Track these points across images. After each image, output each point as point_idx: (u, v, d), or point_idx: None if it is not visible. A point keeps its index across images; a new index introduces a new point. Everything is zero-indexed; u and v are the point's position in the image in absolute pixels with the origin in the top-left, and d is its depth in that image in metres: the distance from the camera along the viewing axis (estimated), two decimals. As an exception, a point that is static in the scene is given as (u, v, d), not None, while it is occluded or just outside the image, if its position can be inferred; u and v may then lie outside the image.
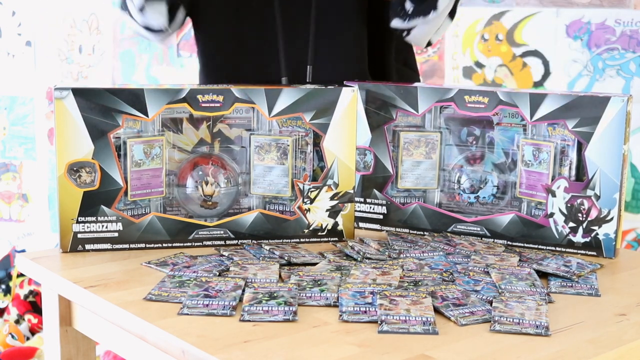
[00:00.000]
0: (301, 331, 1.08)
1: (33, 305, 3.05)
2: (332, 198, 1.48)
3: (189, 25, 1.77)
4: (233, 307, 1.14)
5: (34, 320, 2.99)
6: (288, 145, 1.49)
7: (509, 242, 1.50)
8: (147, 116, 1.41)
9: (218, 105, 1.44)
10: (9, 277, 3.16)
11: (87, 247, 1.41)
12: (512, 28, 2.49)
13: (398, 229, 1.58)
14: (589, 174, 1.43)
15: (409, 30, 1.63)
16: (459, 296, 1.19)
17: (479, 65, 2.54)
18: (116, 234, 1.42)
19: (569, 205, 1.45)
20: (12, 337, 2.91)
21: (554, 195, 1.46)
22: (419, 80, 1.85)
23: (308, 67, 1.64)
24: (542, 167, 1.48)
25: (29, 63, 3.17)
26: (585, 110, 1.42)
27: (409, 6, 1.60)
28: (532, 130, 1.50)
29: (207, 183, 1.48)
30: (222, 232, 1.46)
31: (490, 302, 1.18)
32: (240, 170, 1.51)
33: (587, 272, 1.34)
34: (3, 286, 3.14)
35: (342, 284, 1.23)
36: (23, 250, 3.20)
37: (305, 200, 1.48)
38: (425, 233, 1.56)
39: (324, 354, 1.01)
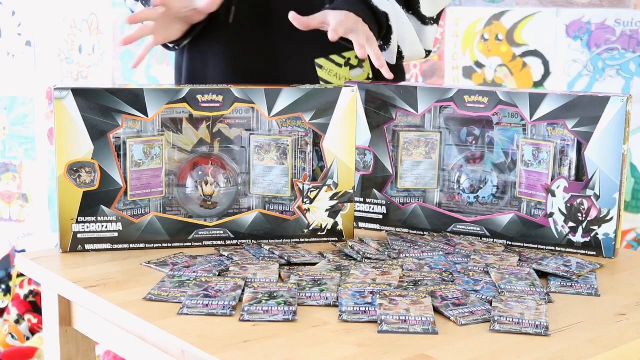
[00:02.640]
0: (301, 331, 1.08)
1: (33, 305, 3.05)
2: (332, 198, 1.48)
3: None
4: (233, 307, 1.14)
5: (34, 320, 2.99)
6: (288, 145, 1.49)
7: (508, 242, 1.50)
8: (147, 116, 1.41)
9: (218, 105, 1.44)
10: (9, 277, 3.16)
11: (87, 247, 1.41)
12: (512, 28, 2.49)
13: (398, 229, 1.58)
14: (588, 174, 1.43)
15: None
16: (458, 296, 1.19)
17: (479, 65, 2.54)
18: (116, 234, 1.42)
19: (568, 205, 1.45)
20: (12, 337, 2.91)
21: (553, 195, 1.46)
22: (403, 77, 1.84)
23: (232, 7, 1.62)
24: (541, 167, 1.48)
25: (29, 63, 3.18)
26: (585, 110, 1.42)
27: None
28: (532, 130, 1.50)
29: (206, 183, 1.48)
30: (222, 232, 1.46)
31: (490, 302, 1.18)
32: (240, 170, 1.51)
33: (586, 272, 1.34)
34: (3, 286, 3.15)
35: (341, 284, 1.23)
36: (23, 250, 3.21)
37: (305, 200, 1.48)
38: (425, 233, 1.56)
39: (324, 354, 1.01)
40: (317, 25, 1.51)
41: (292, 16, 1.49)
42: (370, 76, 1.70)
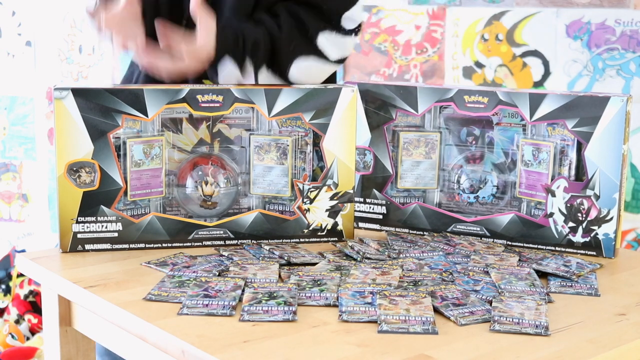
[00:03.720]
0: (301, 331, 1.08)
1: (33, 305, 3.05)
2: (331, 198, 1.48)
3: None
4: (233, 307, 1.14)
5: (34, 320, 2.99)
6: (288, 145, 1.49)
7: (508, 242, 1.50)
8: (147, 116, 1.41)
9: (218, 105, 1.44)
10: (9, 277, 3.16)
11: (87, 247, 1.41)
12: (512, 28, 2.49)
13: (398, 229, 1.58)
14: (588, 174, 1.43)
15: None
16: (458, 296, 1.19)
17: (479, 65, 2.54)
18: (116, 234, 1.42)
19: (568, 205, 1.45)
20: (12, 337, 2.91)
21: (553, 195, 1.46)
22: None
23: None
24: (541, 167, 1.48)
25: (29, 63, 3.17)
26: (585, 110, 1.42)
27: None
28: (532, 130, 1.50)
29: (206, 183, 1.48)
30: (221, 232, 1.46)
31: (490, 302, 1.18)
32: (240, 170, 1.51)
33: (586, 272, 1.34)
34: (3, 286, 3.14)
35: (341, 284, 1.23)
36: (23, 250, 3.21)
37: (305, 200, 1.48)
38: (424, 233, 1.56)
39: (323, 354, 1.01)
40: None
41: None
42: None
